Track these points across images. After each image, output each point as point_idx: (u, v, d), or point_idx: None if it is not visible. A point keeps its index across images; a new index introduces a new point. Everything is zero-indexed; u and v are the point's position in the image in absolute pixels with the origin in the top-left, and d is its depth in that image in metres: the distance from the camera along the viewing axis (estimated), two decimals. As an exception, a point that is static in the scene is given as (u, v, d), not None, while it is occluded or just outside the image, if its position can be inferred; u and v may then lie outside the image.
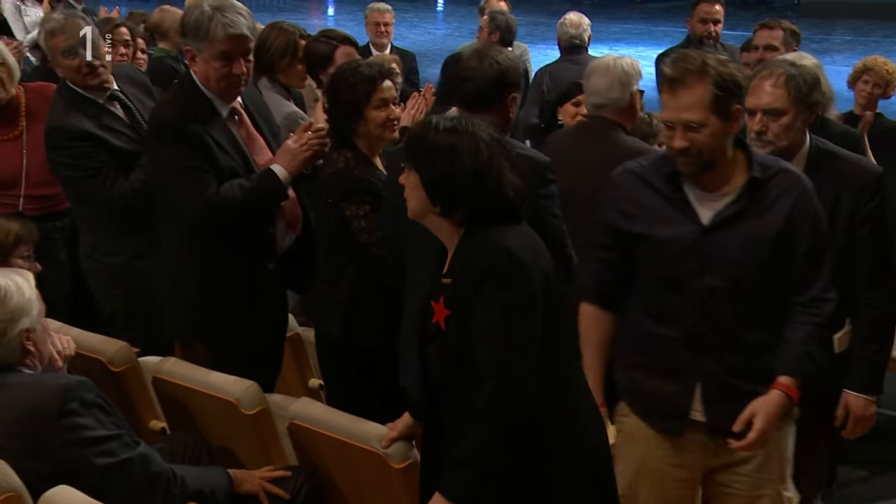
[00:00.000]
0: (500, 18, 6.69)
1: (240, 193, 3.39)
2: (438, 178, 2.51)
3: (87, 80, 3.92)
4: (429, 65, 9.19)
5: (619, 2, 15.28)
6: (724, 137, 2.68)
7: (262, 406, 3.16)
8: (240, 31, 3.38)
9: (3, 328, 2.71)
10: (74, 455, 2.65)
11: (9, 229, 3.37)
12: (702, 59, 2.66)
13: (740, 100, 2.72)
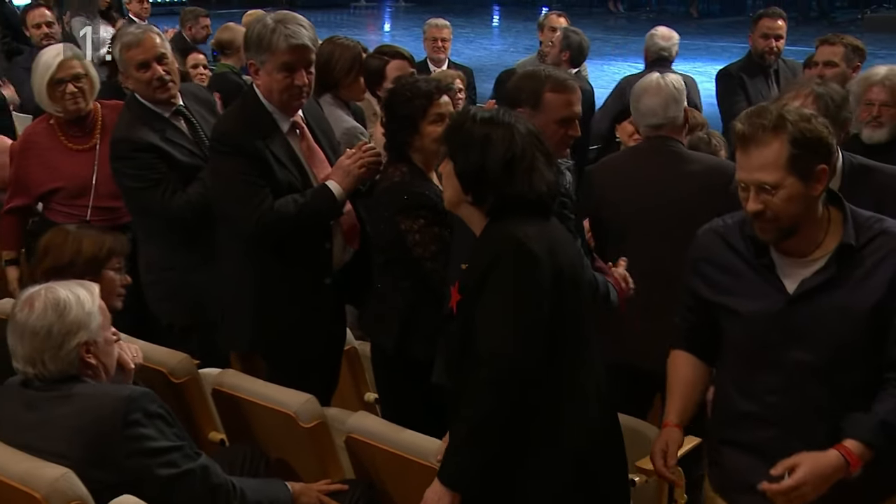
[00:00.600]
0: (573, 38, 6.67)
1: (293, 208, 3.42)
2: (470, 166, 2.54)
3: (157, 94, 3.98)
4: (485, 80, 9.18)
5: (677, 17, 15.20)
6: (805, 200, 2.43)
7: (320, 419, 3.17)
8: (301, 42, 3.43)
9: (61, 341, 2.74)
10: (137, 465, 2.67)
11: (103, 241, 3.39)
12: (778, 113, 2.42)
13: (826, 159, 2.42)
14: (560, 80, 3.34)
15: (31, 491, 2.58)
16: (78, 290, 2.83)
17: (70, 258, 3.29)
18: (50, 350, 2.73)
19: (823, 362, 2.50)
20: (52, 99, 4.36)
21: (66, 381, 2.77)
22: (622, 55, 12.23)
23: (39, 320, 2.73)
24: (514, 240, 2.49)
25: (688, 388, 2.75)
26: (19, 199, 4.52)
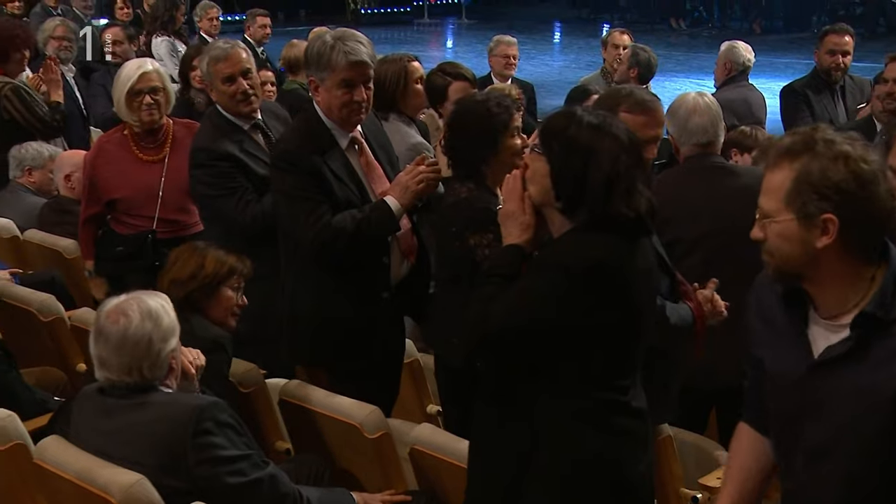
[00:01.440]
0: (641, 55, 6.68)
1: (351, 224, 3.42)
2: (570, 175, 2.40)
3: (240, 108, 4.04)
4: (546, 96, 9.20)
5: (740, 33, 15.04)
6: (804, 246, 2.06)
7: (384, 430, 3.18)
8: (360, 59, 3.44)
9: (160, 347, 2.79)
10: (208, 473, 2.71)
11: (225, 260, 3.48)
12: (809, 138, 2.06)
13: (838, 210, 2.01)
14: (637, 101, 3.30)
15: (107, 496, 2.64)
16: (160, 300, 2.88)
17: (193, 271, 3.38)
18: (149, 358, 2.78)
19: (841, 451, 2.14)
20: (130, 108, 4.47)
21: (143, 390, 2.81)
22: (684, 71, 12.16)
23: (139, 329, 2.76)
24: (594, 258, 2.37)
25: (743, 474, 2.43)
26: (93, 207, 4.62)
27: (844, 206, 2.02)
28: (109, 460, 2.73)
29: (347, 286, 3.53)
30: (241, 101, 4.04)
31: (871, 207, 2.03)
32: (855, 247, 2.06)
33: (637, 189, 2.43)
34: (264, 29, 8.86)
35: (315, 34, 3.64)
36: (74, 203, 5.25)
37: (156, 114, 4.49)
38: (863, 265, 2.09)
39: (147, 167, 4.51)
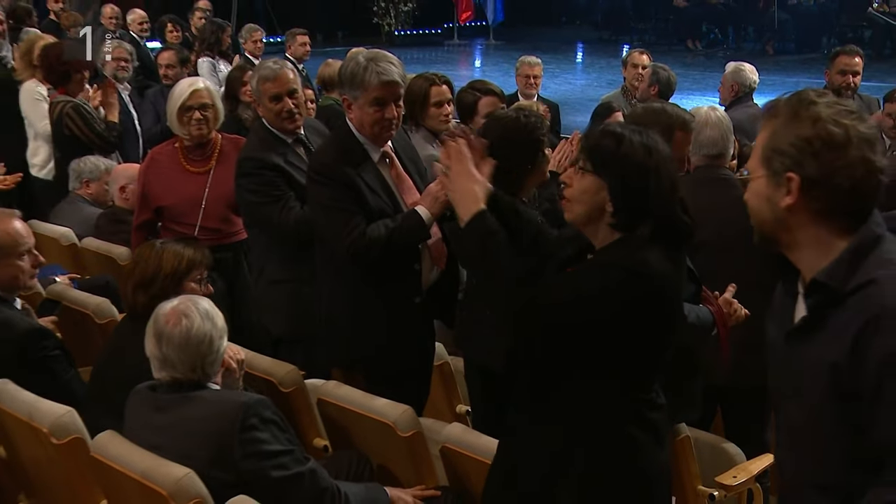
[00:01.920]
0: (661, 73, 6.69)
1: (384, 233, 3.42)
2: (633, 191, 2.36)
3: (285, 124, 4.06)
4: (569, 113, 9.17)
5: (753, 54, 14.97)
6: (771, 206, 1.94)
7: (417, 429, 3.18)
8: (392, 78, 3.45)
9: (218, 345, 2.83)
10: (252, 466, 2.72)
11: (182, 254, 3.38)
12: (791, 100, 1.95)
13: (800, 168, 1.89)
14: (687, 121, 3.44)
15: (158, 488, 2.65)
16: (206, 301, 2.91)
17: (153, 273, 3.32)
18: (210, 355, 2.82)
19: (810, 431, 1.99)
20: (181, 123, 4.52)
21: (193, 387, 2.83)
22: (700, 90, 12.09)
23: (200, 330, 2.79)
24: (647, 263, 2.33)
25: None
26: (144, 213, 4.66)
27: (806, 165, 1.89)
28: (161, 454, 2.75)
29: (381, 292, 3.53)
30: (285, 118, 4.07)
31: (837, 171, 1.88)
32: (823, 213, 1.91)
33: (682, 200, 2.44)
34: (304, 47, 8.91)
35: (350, 55, 3.64)
36: (128, 213, 5.30)
37: (204, 128, 4.53)
38: (836, 234, 1.92)
39: (193, 178, 4.55)
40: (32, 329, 3.55)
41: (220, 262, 4.46)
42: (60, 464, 3.07)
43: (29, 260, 3.62)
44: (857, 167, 1.88)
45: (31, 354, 3.44)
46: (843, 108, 1.91)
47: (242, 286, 4.52)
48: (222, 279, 4.47)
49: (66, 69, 6.00)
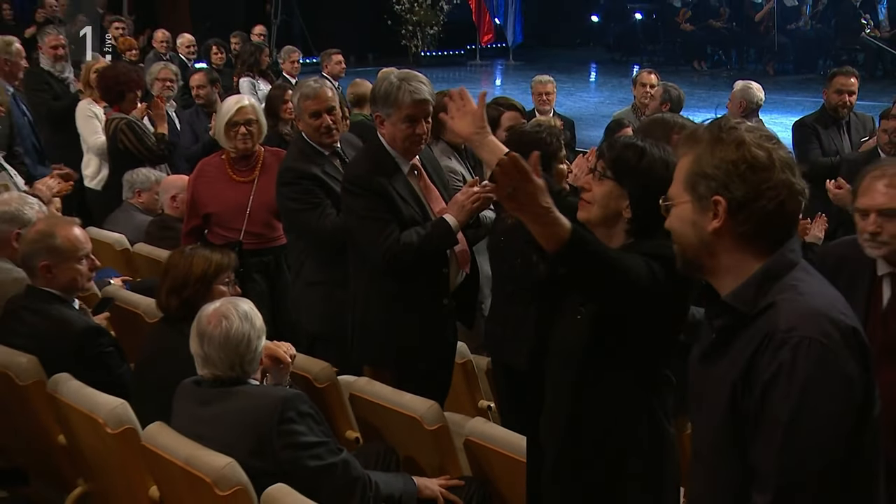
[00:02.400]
0: (672, 92, 6.69)
1: (416, 239, 3.42)
2: (652, 199, 2.25)
3: (322, 139, 4.08)
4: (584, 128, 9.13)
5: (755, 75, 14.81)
6: (696, 231, 1.83)
7: (442, 423, 3.18)
8: (423, 97, 3.45)
9: (256, 344, 2.83)
10: (290, 456, 2.72)
11: (210, 259, 3.34)
12: (713, 125, 1.86)
13: (725, 191, 1.78)
14: (684, 125, 3.34)
15: (203, 476, 2.66)
16: (243, 303, 2.90)
17: (183, 277, 3.30)
18: (248, 354, 2.82)
19: (706, 453, 1.89)
20: (227, 137, 4.56)
21: (235, 383, 2.83)
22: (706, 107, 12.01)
23: (238, 331, 2.80)
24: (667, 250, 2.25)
25: None
26: (193, 220, 4.68)
27: (732, 188, 1.78)
28: (205, 444, 2.76)
29: (413, 294, 3.53)
30: (324, 133, 4.08)
31: (763, 193, 1.78)
32: (746, 236, 1.80)
33: None
34: (339, 65, 8.95)
35: (382, 75, 3.64)
36: (176, 220, 5.33)
37: (249, 142, 4.56)
38: (755, 258, 1.81)
39: (238, 187, 4.57)
40: (89, 327, 3.58)
41: (262, 264, 4.52)
42: (114, 451, 3.09)
43: (87, 264, 3.65)
44: (782, 189, 1.79)
45: (87, 351, 3.46)
46: (763, 134, 1.84)
47: (283, 287, 4.53)
48: (264, 280, 4.50)
49: (121, 89, 6.04)
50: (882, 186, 2.73)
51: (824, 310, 1.73)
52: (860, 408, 1.72)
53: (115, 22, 10.49)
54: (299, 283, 4.22)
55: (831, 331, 1.70)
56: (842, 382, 1.69)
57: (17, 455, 3.77)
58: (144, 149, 5.98)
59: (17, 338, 3.53)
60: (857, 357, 1.72)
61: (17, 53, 5.89)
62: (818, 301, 1.75)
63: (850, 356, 1.71)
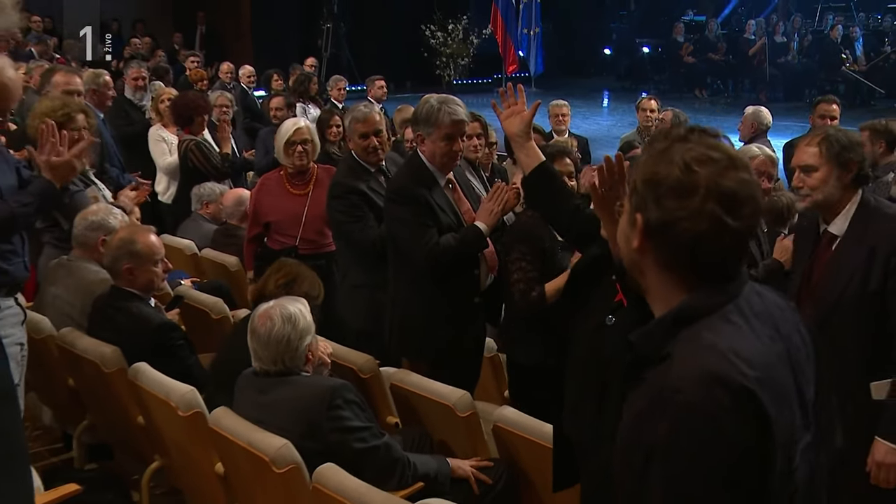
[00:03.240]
0: (681, 116, 6.71)
1: (454, 243, 3.42)
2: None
3: (369, 158, 4.08)
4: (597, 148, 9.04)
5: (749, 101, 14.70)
6: (628, 245, 1.48)
7: (473, 410, 3.16)
8: (460, 118, 3.46)
9: (297, 343, 2.82)
10: (338, 439, 2.72)
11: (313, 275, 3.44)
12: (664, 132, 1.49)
13: (643, 209, 1.42)
14: None
15: (262, 455, 2.67)
16: (298, 305, 2.90)
17: (293, 276, 3.35)
18: (289, 352, 2.82)
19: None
20: (286, 154, 4.58)
21: (289, 374, 2.84)
22: (706, 130, 11.96)
23: (279, 332, 2.80)
24: None
25: None
26: (255, 228, 4.70)
27: (650, 208, 1.40)
28: (263, 427, 2.76)
29: (448, 293, 3.52)
30: (370, 152, 4.09)
31: (674, 223, 1.38)
32: (667, 264, 1.43)
33: None
34: (382, 90, 9.01)
35: (424, 99, 3.64)
36: (238, 229, 5.36)
37: (304, 159, 4.57)
38: (678, 289, 1.43)
39: (295, 199, 4.58)
40: (164, 323, 3.59)
41: (315, 268, 4.44)
42: (185, 432, 3.10)
43: (161, 266, 3.68)
44: (700, 221, 1.37)
45: (162, 344, 3.48)
46: (707, 154, 1.39)
47: (332, 288, 4.53)
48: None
49: (190, 114, 6.09)
50: (804, 146, 2.76)
51: (716, 368, 1.31)
52: (758, 473, 1.32)
53: (190, 56, 10.61)
54: (346, 286, 4.21)
55: (720, 395, 1.29)
56: (725, 452, 1.29)
57: (104, 433, 3.80)
58: (210, 166, 6.02)
59: (102, 331, 3.56)
60: (751, 422, 1.30)
61: (105, 84, 5.99)
62: (712, 357, 1.33)
63: (740, 422, 1.29)
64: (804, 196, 2.76)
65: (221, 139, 6.19)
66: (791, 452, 1.37)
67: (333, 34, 16.03)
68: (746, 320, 1.39)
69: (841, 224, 2.73)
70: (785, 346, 1.42)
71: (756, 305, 1.43)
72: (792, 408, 1.38)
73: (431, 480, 2.86)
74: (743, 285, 1.43)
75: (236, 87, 9.24)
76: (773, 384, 1.34)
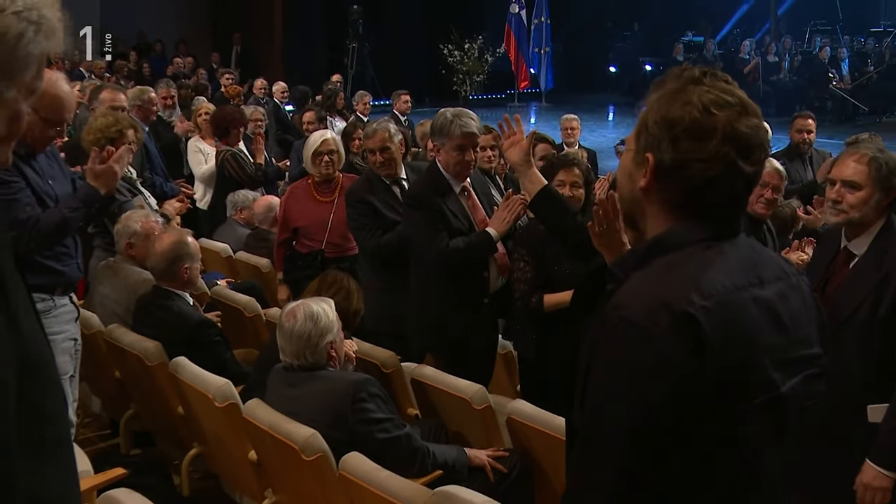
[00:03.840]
0: None
1: (462, 245, 3.42)
2: None
3: (379, 171, 4.07)
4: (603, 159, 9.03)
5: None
6: (633, 184, 1.39)
7: (488, 403, 3.14)
8: (471, 130, 3.45)
9: (317, 341, 2.81)
10: (362, 430, 2.71)
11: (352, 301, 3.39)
12: (674, 72, 1.38)
13: (654, 149, 1.33)
14: None
15: (292, 444, 2.66)
16: (322, 304, 2.89)
17: (336, 287, 3.34)
18: (309, 348, 2.81)
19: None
20: (313, 164, 4.57)
21: (316, 368, 2.83)
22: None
23: (301, 329, 2.79)
24: None
25: None
26: (284, 233, 4.70)
27: (662, 149, 1.31)
28: (293, 418, 2.76)
29: (458, 293, 3.51)
30: (378, 166, 4.07)
31: (688, 163, 1.30)
32: (671, 204, 1.33)
33: None
34: (406, 104, 9.05)
35: (440, 112, 3.64)
36: (268, 233, 5.37)
37: (331, 169, 4.57)
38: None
39: (322, 206, 4.57)
40: (202, 320, 3.61)
41: (339, 270, 4.48)
42: (220, 421, 3.11)
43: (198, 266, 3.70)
44: (715, 164, 1.30)
45: (199, 339, 3.49)
46: (724, 97, 1.31)
47: None
48: None
49: (226, 126, 6.12)
50: (851, 161, 2.58)
51: (666, 293, 1.23)
52: (692, 397, 1.21)
53: (226, 73, 10.68)
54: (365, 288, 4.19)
55: (660, 317, 1.21)
56: (652, 369, 1.20)
57: (148, 421, 3.82)
58: (245, 175, 6.04)
59: (145, 327, 3.58)
60: (688, 344, 1.21)
61: (150, 101, 6.06)
62: (667, 283, 1.25)
63: (676, 342, 1.20)
64: (839, 211, 2.58)
65: (256, 150, 6.21)
66: (752, 395, 1.26)
67: (358, 53, 16.07)
68: (724, 259, 1.29)
69: (862, 244, 2.60)
70: (767, 294, 1.30)
71: (745, 253, 1.33)
72: (754, 349, 1.26)
73: (450, 469, 2.84)
74: (736, 234, 1.34)
75: (269, 102, 9.27)
76: (727, 319, 1.23)
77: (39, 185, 3.00)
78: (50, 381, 1.23)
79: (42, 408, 1.19)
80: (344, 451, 2.62)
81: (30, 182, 2.96)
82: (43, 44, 1.15)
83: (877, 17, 18.31)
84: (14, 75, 1.15)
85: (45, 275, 3.06)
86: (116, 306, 3.84)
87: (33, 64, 1.16)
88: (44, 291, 3.08)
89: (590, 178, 3.45)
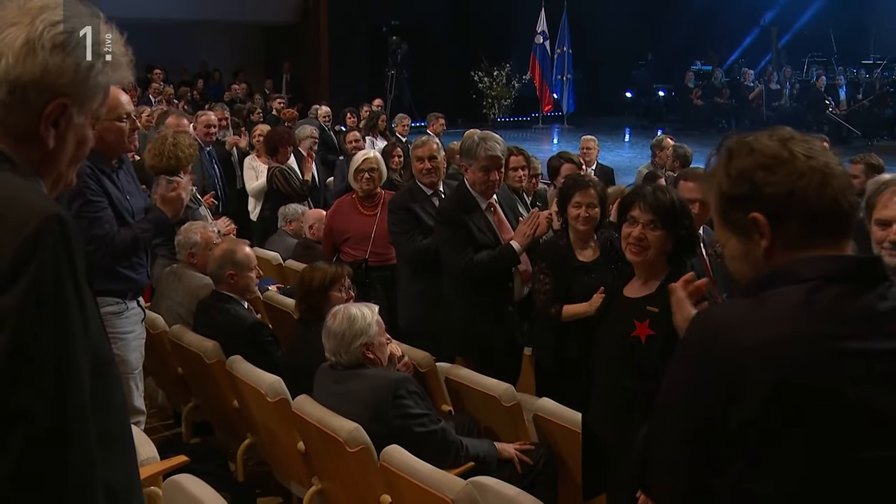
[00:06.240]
0: (679, 150, 6.59)
1: (487, 259, 3.41)
2: (686, 241, 2.34)
3: (423, 179, 4.06)
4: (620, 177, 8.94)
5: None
6: (756, 258, 1.27)
7: (516, 401, 3.12)
8: (496, 153, 3.45)
9: (350, 342, 2.79)
10: (401, 424, 2.70)
11: (326, 271, 3.26)
12: (726, 147, 1.33)
13: (762, 199, 1.25)
14: (692, 174, 3.32)
15: (336, 436, 2.66)
16: (363, 308, 2.87)
17: (307, 288, 3.28)
18: (343, 347, 2.80)
19: None
20: (356, 180, 4.58)
21: (358, 367, 2.82)
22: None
23: (337, 329, 2.80)
24: None
25: None
26: (329, 244, 4.71)
27: (763, 192, 1.24)
28: (338, 412, 2.75)
29: (485, 301, 3.50)
30: (425, 174, 4.06)
31: (794, 182, 1.23)
32: (796, 239, 1.25)
33: None
34: (442, 126, 9.05)
35: (467, 134, 3.63)
36: (315, 242, 5.38)
37: (371, 184, 4.57)
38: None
39: (365, 219, 4.57)
40: (255, 322, 3.62)
41: (382, 277, 4.50)
42: (272, 415, 3.11)
43: (254, 273, 3.71)
44: (813, 175, 1.22)
45: (254, 340, 3.50)
46: (773, 134, 1.29)
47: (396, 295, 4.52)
48: (383, 289, 4.47)
49: (276, 145, 6.18)
50: None
51: (716, 329, 1.19)
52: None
53: (278, 98, 10.77)
54: (397, 290, 4.19)
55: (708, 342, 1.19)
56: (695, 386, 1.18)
57: (207, 413, 3.84)
58: (291, 189, 6.08)
59: (205, 328, 3.60)
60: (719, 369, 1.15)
61: (205, 122, 6.11)
62: (723, 321, 1.20)
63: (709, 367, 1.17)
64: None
65: (305, 168, 6.25)
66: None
67: (396, 79, 16.19)
68: (805, 304, 1.15)
69: None
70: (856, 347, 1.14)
71: (847, 305, 1.15)
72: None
73: (481, 461, 2.82)
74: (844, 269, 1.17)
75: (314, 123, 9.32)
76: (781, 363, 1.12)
77: (120, 200, 3.07)
78: (114, 378, 1.24)
79: (110, 403, 1.20)
80: (384, 444, 2.62)
81: (112, 200, 3.03)
82: (110, 75, 1.19)
83: (867, 50, 18.33)
84: (84, 102, 1.19)
85: (121, 281, 3.13)
86: (179, 308, 3.88)
87: (100, 93, 1.20)
88: (118, 296, 3.15)
89: (604, 197, 3.41)
